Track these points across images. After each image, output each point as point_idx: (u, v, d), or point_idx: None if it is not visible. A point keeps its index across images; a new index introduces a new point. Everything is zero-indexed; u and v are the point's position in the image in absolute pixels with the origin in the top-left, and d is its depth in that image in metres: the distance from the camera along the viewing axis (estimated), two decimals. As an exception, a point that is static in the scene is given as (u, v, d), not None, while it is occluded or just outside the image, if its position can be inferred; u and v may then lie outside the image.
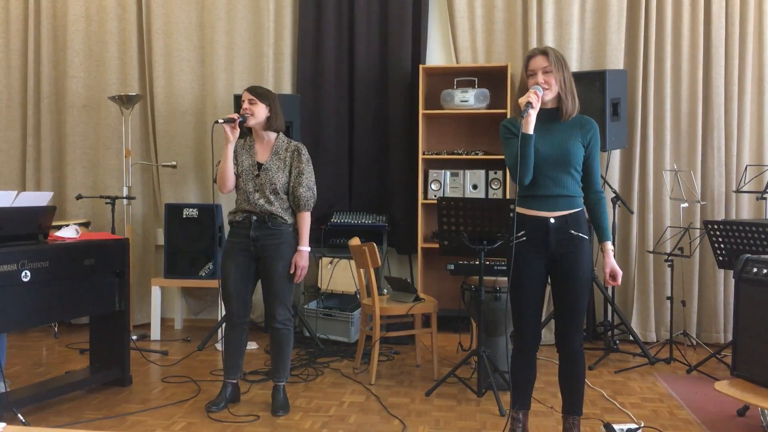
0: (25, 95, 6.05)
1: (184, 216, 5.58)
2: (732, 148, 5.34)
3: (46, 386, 3.90)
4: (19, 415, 3.42)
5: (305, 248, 3.78)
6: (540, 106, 3.03)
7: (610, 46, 5.39)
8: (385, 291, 4.97)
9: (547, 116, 3.11)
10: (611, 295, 5.14)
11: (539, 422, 3.67)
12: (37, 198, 3.79)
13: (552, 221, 3.09)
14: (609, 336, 5.10)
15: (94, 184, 5.98)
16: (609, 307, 5.15)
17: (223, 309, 4.46)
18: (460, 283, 4.45)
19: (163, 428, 3.58)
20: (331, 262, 5.39)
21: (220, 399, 3.86)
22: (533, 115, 3.00)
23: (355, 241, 4.54)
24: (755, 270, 3.44)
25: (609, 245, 3.15)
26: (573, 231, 3.09)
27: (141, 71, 5.98)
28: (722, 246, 4.44)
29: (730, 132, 5.34)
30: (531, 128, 3.02)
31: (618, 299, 5.43)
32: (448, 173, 5.54)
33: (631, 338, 5.09)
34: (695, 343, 5.27)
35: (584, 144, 3.11)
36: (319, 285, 5.44)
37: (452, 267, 4.40)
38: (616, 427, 3.36)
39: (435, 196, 5.44)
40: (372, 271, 4.37)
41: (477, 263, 4.07)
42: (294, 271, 3.75)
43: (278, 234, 3.75)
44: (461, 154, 5.54)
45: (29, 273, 3.55)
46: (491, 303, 4.16)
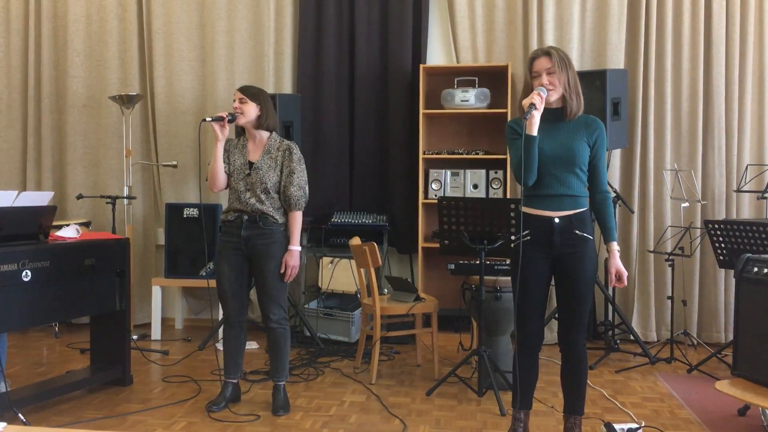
0: (26, 95, 6.06)
1: (185, 216, 5.58)
2: (732, 148, 5.34)
3: (47, 386, 3.90)
4: (20, 415, 3.42)
5: (296, 248, 3.77)
6: (545, 106, 3.02)
7: (611, 46, 5.39)
8: (386, 291, 4.97)
9: (553, 116, 3.11)
10: (612, 295, 5.14)
11: (540, 422, 3.67)
12: (38, 198, 3.79)
13: (556, 221, 3.08)
14: (610, 335, 5.10)
15: (95, 184, 5.98)
16: (610, 307, 5.15)
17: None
18: (461, 283, 4.45)
19: (164, 428, 3.58)
20: (332, 262, 5.39)
21: (221, 399, 3.86)
22: (537, 117, 3.00)
23: (356, 241, 4.54)
24: (756, 269, 3.44)
25: (615, 246, 3.14)
26: (577, 231, 3.08)
27: (141, 71, 5.98)
28: (723, 245, 4.44)
29: (731, 131, 5.34)
30: (535, 130, 3.01)
31: (619, 299, 5.43)
32: (449, 173, 5.54)
33: (632, 338, 5.09)
34: (696, 343, 5.27)
35: (590, 144, 3.10)
36: (320, 285, 5.44)
37: (453, 267, 4.40)
38: (617, 427, 3.36)
39: (435, 196, 5.44)
40: (372, 271, 4.37)
41: (477, 263, 4.07)
42: (285, 271, 3.75)
43: (269, 234, 3.74)
44: (462, 154, 5.54)
45: (30, 273, 3.55)
46: (492, 303, 4.16)
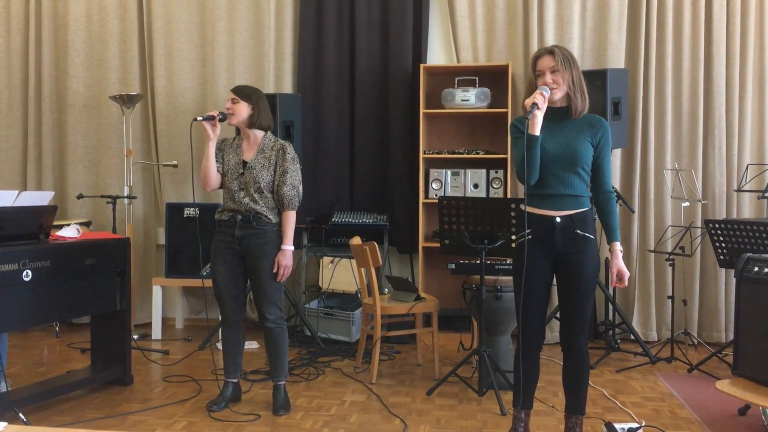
0: (26, 95, 6.06)
1: (185, 215, 5.58)
2: (733, 147, 5.34)
3: (48, 386, 3.90)
4: (21, 415, 3.42)
5: (288, 247, 3.76)
6: (548, 105, 3.01)
7: (611, 45, 5.39)
8: (386, 290, 4.96)
9: (557, 115, 3.09)
10: (612, 294, 5.14)
11: (540, 421, 3.67)
12: (38, 197, 3.79)
13: (558, 220, 3.08)
14: (610, 335, 5.09)
15: (95, 184, 5.98)
16: (610, 306, 5.15)
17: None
18: (461, 283, 4.45)
19: (164, 428, 3.59)
20: (332, 262, 5.39)
21: (221, 398, 3.86)
22: (539, 117, 2.99)
23: (356, 241, 4.54)
24: (756, 269, 3.44)
25: (617, 246, 3.12)
26: (579, 231, 3.07)
27: (142, 70, 5.98)
28: (723, 245, 4.44)
29: (731, 131, 5.33)
30: (537, 130, 3.00)
31: (619, 298, 5.43)
32: (449, 172, 5.54)
33: (633, 337, 5.09)
34: (696, 342, 5.27)
35: (593, 144, 3.08)
36: (320, 284, 5.44)
37: (453, 266, 4.40)
38: (618, 427, 3.36)
39: (436, 196, 5.44)
40: (373, 271, 4.37)
41: (478, 262, 4.07)
42: (277, 270, 3.74)
43: (262, 233, 3.74)
44: (462, 154, 5.54)
45: (30, 272, 3.55)
46: (492, 302, 4.16)
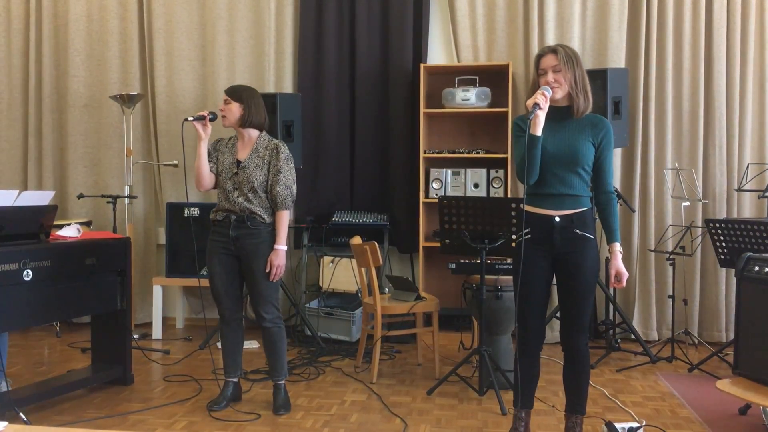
0: (27, 95, 6.05)
1: (186, 215, 5.58)
2: (733, 147, 5.34)
3: (48, 385, 3.91)
4: (21, 414, 3.42)
5: (281, 247, 3.75)
6: (551, 105, 3.01)
7: (612, 45, 5.39)
8: (387, 290, 4.96)
9: (559, 114, 3.09)
10: (613, 294, 5.13)
11: (540, 421, 3.67)
12: (39, 197, 3.79)
13: (557, 219, 3.07)
14: (610, 335, 5.09)
15: (96, 183, 5.98)
16: (611, 306, 5.15)
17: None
18: (462, 282, 4.45)
19: (165, 427, 3.59)
20: (333, 261, 5.39)
21: (222, 398, 3.86)
22: (541, 116, 2.98)
23: (357, 240, 4.54)
24: (757, 268, 3.44)
25: (617, 246, 3.11)
26: (578, 230, 3.07)
27: (142, 70, 5.98)
28: (724, 244, 4.44)
29: (732, 130, 5.33)
30: (539, 130, 3.00)
31: (619, 298, 5.43)
32: (450, 172, 5.54)
33: (633, 337, 5.09)
34: (697, 342, 5.27)
35: (595, 144, 3.07)
36: (321, 284, 5.44)
37: (453, 266, 4.40)
38: (618, 426, 3.36)
39: (436, 195, 5.44)
40: (373, 270, 4.37)
41: (478, 262, 4.07)
42: (270, 270, 3.73)
43: (256, 233, 3.74)
44: (462, 153, 5.54)
45: (31, 272, 3.55)
46: (492, 302, 4.16)
